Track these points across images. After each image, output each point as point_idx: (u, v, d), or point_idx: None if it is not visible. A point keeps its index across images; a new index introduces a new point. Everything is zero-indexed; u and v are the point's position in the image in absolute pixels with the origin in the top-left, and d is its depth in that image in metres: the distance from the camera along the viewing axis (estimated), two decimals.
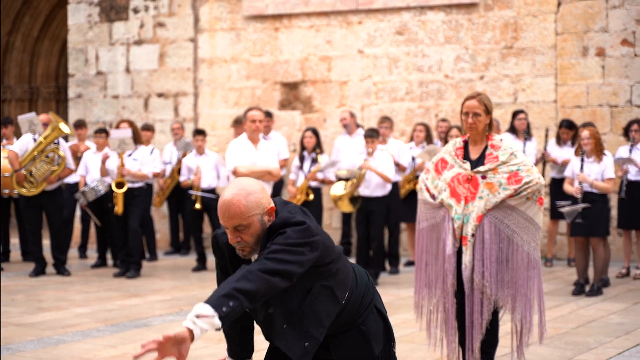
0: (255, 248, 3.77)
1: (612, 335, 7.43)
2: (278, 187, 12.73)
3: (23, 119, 11.48)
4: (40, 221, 11.65)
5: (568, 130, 11.79)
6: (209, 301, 3.46)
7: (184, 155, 12.98)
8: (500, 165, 5.67)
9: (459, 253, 5.73)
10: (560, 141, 11.88)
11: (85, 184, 12.15)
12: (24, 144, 11.31)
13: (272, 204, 3.78)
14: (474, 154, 5.82)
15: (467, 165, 5.75)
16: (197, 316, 3.41)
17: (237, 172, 9.47)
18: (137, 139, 11.47)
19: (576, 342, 7.18)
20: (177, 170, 13.17)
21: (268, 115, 13.11)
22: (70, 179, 12.69)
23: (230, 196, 3.69)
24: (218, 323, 3.42)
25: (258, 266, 3.58)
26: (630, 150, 10.87)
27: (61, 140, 11.44)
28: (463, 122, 5.81)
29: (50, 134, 11.22)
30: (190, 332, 3.38)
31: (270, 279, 3.57)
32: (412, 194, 11.53)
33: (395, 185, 11.31)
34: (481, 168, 5.70)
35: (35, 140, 11.35)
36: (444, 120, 12.35)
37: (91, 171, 12.21)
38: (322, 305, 3.81)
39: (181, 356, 3.35)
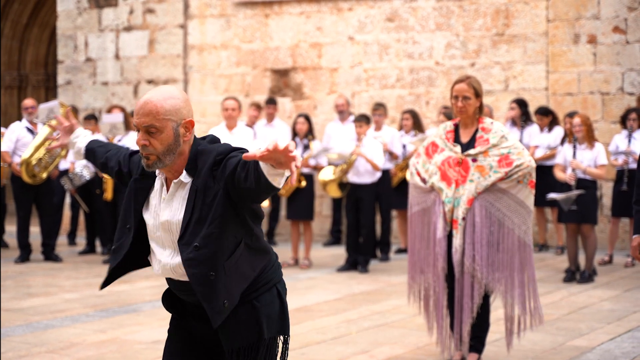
0: (163, 160, 3.45)
1: (603, 322, 7.42)
2: None
3: (44, 107, 11.18)
4: (31, 208, 11.60)
5: (542, 117, 11.74)
6: None
7: None
8: (491, 148, 5.65)
9: (449, 237, 5.71)
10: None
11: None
12: (13, 136, 11.34)
13: (192, 119, 3.51)
14: (465, 137, 5.79)
15: (458, 148, 5.73)
16: None
17: None
18: (127, 125, 11.44)
19: (568, 328, 7.17)
20: None
21: (271, 102, 13.07)
22: (61, 166, 12.62)
23: (149, 95, 3.46)
24: None
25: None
26: (629, 140, 10.70)
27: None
28: (453, 106, 5.79)
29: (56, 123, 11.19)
30: None
31: None
32: (404, 182, 11.48)
33: (385, 172, 11.27)
34: (471, 151, 5.67)
35: (28, 129, 11.40)
36: (446, 107, 12.20)
37: None
38: (243, 266, 3.50)
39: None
